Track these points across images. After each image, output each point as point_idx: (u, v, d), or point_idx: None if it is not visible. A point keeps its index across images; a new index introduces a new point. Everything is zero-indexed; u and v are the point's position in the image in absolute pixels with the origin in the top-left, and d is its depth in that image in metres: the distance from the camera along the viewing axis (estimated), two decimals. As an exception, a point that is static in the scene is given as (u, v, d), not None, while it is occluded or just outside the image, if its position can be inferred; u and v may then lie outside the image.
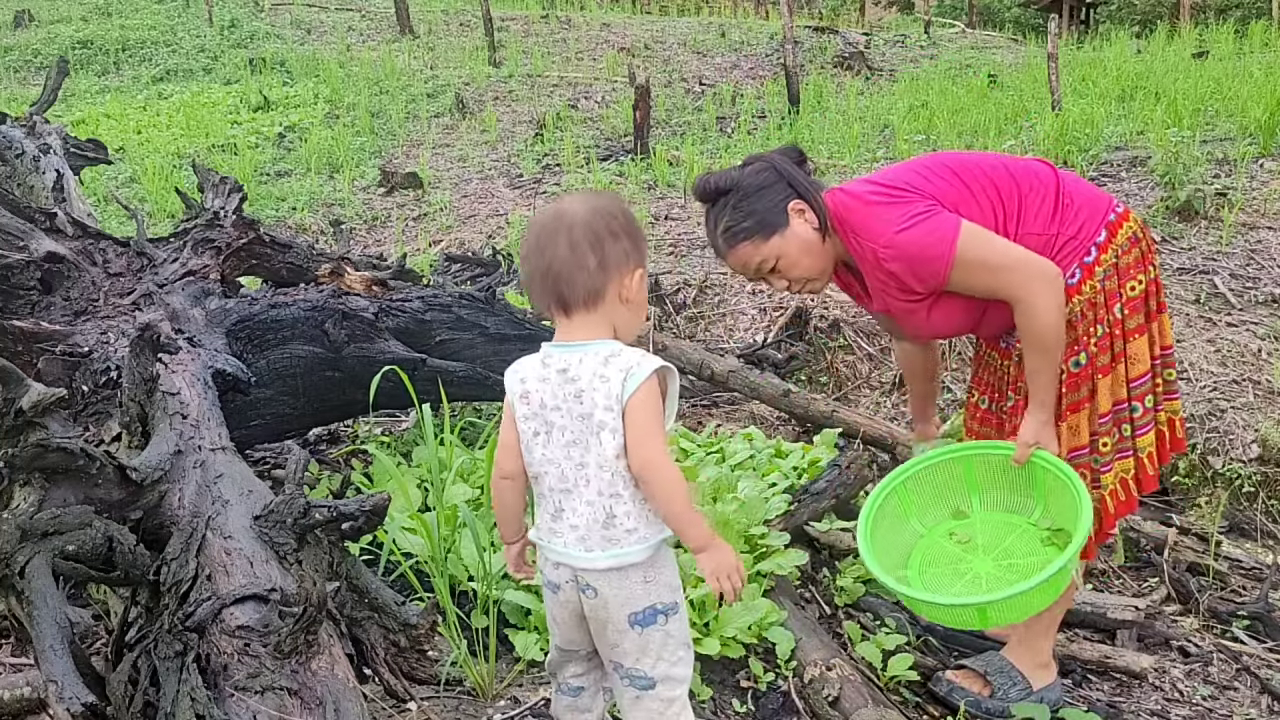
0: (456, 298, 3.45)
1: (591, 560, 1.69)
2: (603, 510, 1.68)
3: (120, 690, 1.64)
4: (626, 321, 1.74)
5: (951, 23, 17.13)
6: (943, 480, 2.36)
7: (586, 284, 1.67)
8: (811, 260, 2.27)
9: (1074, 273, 2.21)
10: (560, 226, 1.67)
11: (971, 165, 2.27)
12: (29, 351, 2.48)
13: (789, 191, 2.25)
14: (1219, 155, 6.05)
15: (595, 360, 1.67)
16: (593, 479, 1.68)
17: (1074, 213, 2.23)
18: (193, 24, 13.28)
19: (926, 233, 2.14)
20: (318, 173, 7.98)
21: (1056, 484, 2.20)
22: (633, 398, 1.64)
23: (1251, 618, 2.97)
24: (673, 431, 1.80)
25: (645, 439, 1.64)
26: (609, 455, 1.66)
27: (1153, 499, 3.87)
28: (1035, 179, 2.26)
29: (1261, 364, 4.13)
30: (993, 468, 2.32)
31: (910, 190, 2.20)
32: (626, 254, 1.69)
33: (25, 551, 1.73)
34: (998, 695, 2.44)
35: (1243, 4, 18.98)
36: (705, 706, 2.31)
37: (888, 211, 2.19)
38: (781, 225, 2.24)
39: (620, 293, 1.69)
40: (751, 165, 2.30)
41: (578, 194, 1.77)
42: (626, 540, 1.69)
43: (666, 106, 9.44)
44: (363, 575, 1.96)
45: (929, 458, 2.35)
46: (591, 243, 1.66)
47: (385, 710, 2.09)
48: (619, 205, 1.74)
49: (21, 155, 3.87)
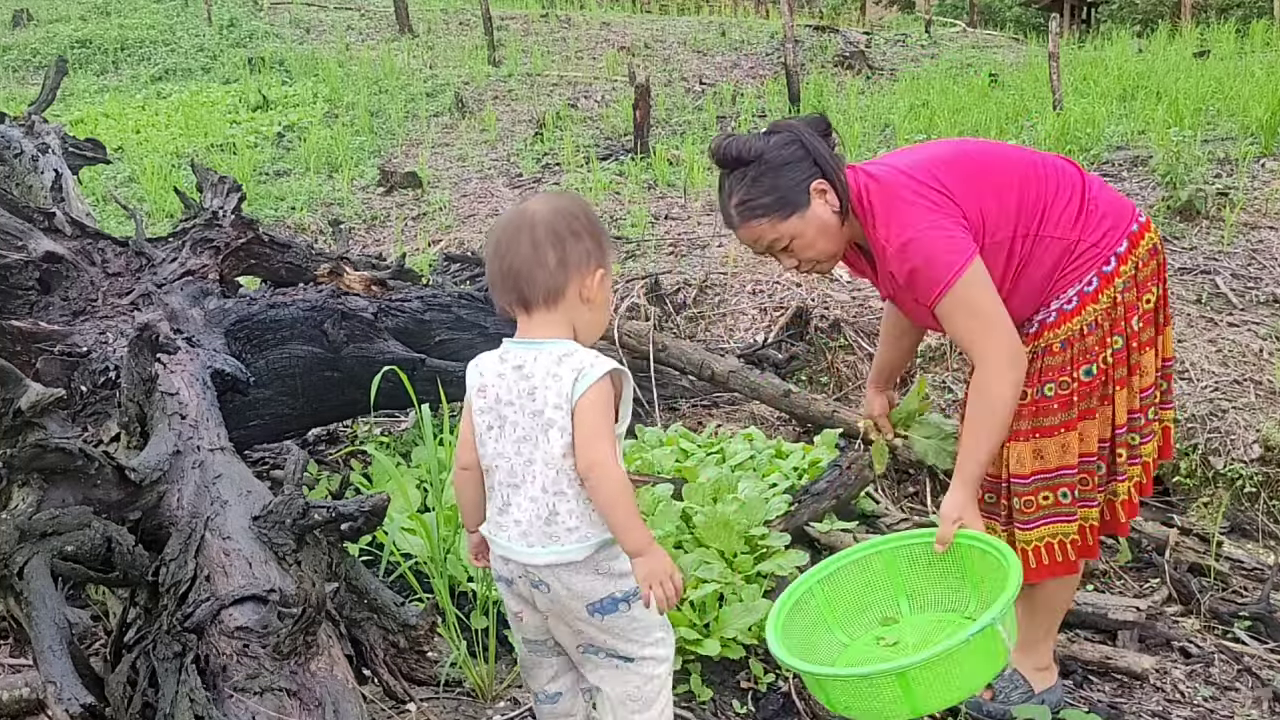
0: (456, 298, 3.44)
1: (532, 555, 1.71)
2: (546, 507, 1.70)
3: (119, 691, 1.64)
4: (588, 322, 1.75)
5: (952, 22, 17.13)
6: (865, 581, 2.15)
7: (546, 282, 1.69)
8: (826, 243, 2.18)
9: (1091, 280, 2.16)
10: (523, 225, 1.70)
11: (1003, 161, 2.20)
12: (27, 351, 2.47)
13: (814, 170, 2.13)
14: (1220, 155, 6.05)
15: (549, 359, 1.69)
16: (539, 475, 1.70)
17: (1098, 219, 2.17)
18: (191, 23, 13.27)
19: (940, 252, 2.07)
20: (316, 172, 7.97)
21: (986, 564, 2.03)
22: (583, 398, 1.66)
23: (1253, 618, 2.96)
24: (623, 437, 1.79)
25: (592, 440, 1.66)
26: (555, 453, 1.68)
27: (1154, 499, 3.87)
28: (1063, 179, 2.19)
29: (1263, 364, 4.12)
30: (917, 560, 2.14)
31: (941, 193, 2.12)
32: (588, 253, 1.71)
33: (24, 552, 1.72)
34: (999, 699, 2.43)
35: (1244, 3, 18.98)
36: (705, 707, 2.31)
37: (911, 212, 2.11)
38: (802, 205, 2.13)
39: (581, 292, 1.71)
40: (777, 135, 2.16)
41: (541, 195, 1.81)
42: (567, 538, 1.70)
43: (666, 106, 9.43)
44: (362, 576, 1.95)
45: (846, 555, 2.16)
46: (553, 241, 1.69)
47: (385, 711, 2.09)
48: (581, 206, 1.77)
49: (20, 155, 3.87)
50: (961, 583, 2.09)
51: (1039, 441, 2.22)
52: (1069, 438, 2.21)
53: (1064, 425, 2.21)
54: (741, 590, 2.55)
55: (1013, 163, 2.19)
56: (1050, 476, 2.23)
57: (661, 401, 4.10)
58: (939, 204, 2.11)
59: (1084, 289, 2.15)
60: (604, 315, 1.79)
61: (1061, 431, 2.21)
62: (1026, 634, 2.42)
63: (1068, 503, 2.24)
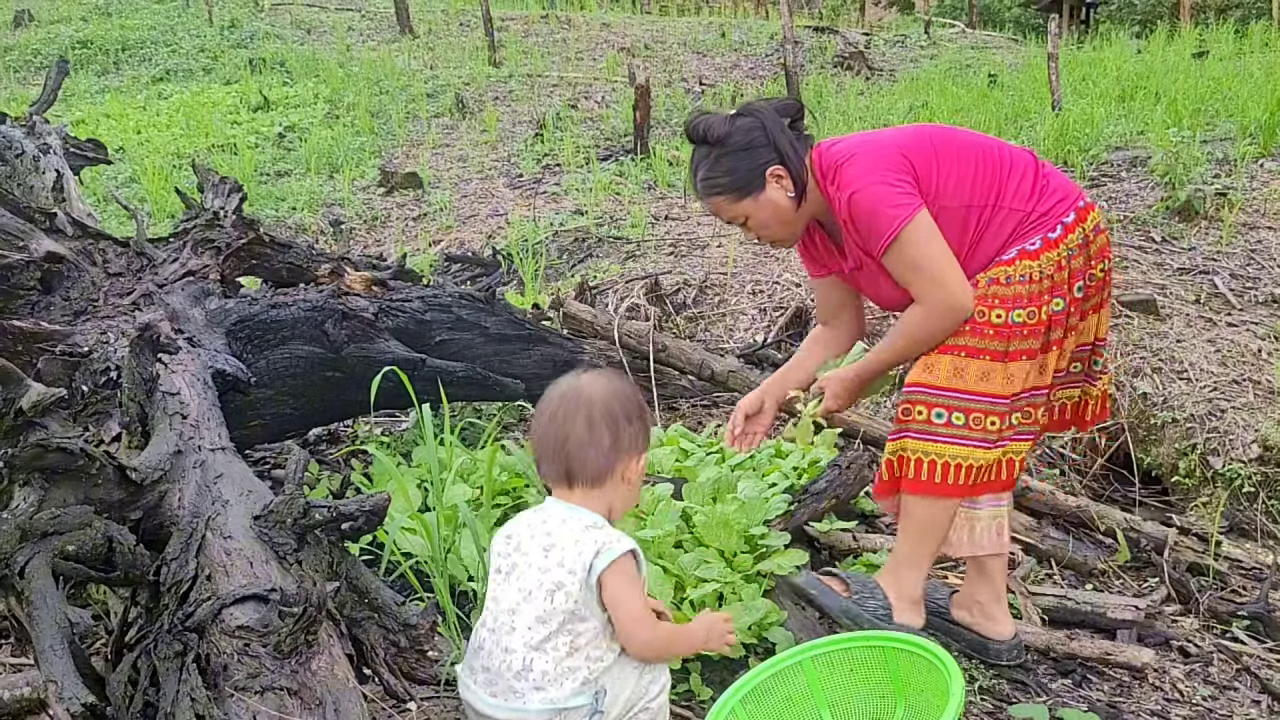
0: (456, 298, 3.45)
1: (492, 708, 1.70)
2: (521, 661, 1.69)
3: (120, 690, 1.64)
4: (623, 501, 1.82)
5: (951, 23, 17.12)
6: (786, 696, 2.07)
7: (597, 462, 1.75)
8: (780, 225, 2.37)
9: (1035, 241, 2.28)
10: (580, 402, 1.75)
11: (962, 141, 2.36)
12: (29, 351, 2.47)
13: (773, 156, 2.31)
14: (1219, 155, 6.05)
15: (578, 525, 1.74)
16: (519, 628, 1.70)
17: (1050, 193, 2.33)
18: (193, 24, 13.28)
19: (885, 198, 2.22)
20: (317, 173, 7.98)
21: (914, 666, 1.96)
22: (611, 574, 1.69)
23: (1252, 618, 2.97)
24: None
25: (636, 621, 1.71)
26: (549, 614, 1.69)
27: (1153, 499, 3.87)
28: (1017, 160, 2.35)
29: (1262, 364, 4.13)
30: (836, 668, 2.07)
31: (901, 157, 2.27)
32: (636, 438, 1.78)
33: (25, 551, 1.73)
34: (854, 599, 2.42)
35: (1243, 4, 18.97)
36: (705, 706, 2.31)
37: (863, 166, 2.26)
38: (756, 189, 2.31)
39: (624, 474, 1.77)
40: (743, 119, 2.33)
41: (597, 373, 1.86)
42: (531, 697, 1.68)
43: (666, 106, 9.44)
44: (363, 575, 1.96)
45: (765, 668, 2.08)
46: (609, 424, 1.75)
47: (385, 710, 2.09)
48: (633, 391, 1.84)
49: (21, 155, 3.87)
50: (887, 688, 2.03)
51: (960, 360, 2.28)
52: (995, 368, 2.26)
53: (982, 353, 2.26)
54: (741, 590, 2.56)
55: (971, 144, 2.36)
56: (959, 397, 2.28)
57: (661, 401, 4.10)
58: (892, 165, 2.26)
59: (1025, 246, 2.28)
60: (635, 496, 1.86)
61: (985, 358, 2.26)
62: (894, 556, 2.48)
63: (961, 426, 2.28)
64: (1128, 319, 4.34)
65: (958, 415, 2.28)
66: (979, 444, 2.29)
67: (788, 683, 2.08)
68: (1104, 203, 5.60)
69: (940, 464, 2.30)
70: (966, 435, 2.29)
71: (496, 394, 3.45)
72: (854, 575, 2.52)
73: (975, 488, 2.34)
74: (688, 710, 2.30)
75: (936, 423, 2.29)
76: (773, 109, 2.35)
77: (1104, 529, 3.29)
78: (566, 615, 1.69)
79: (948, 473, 2.30)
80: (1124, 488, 3.92)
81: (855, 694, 2.06)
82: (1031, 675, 2.59)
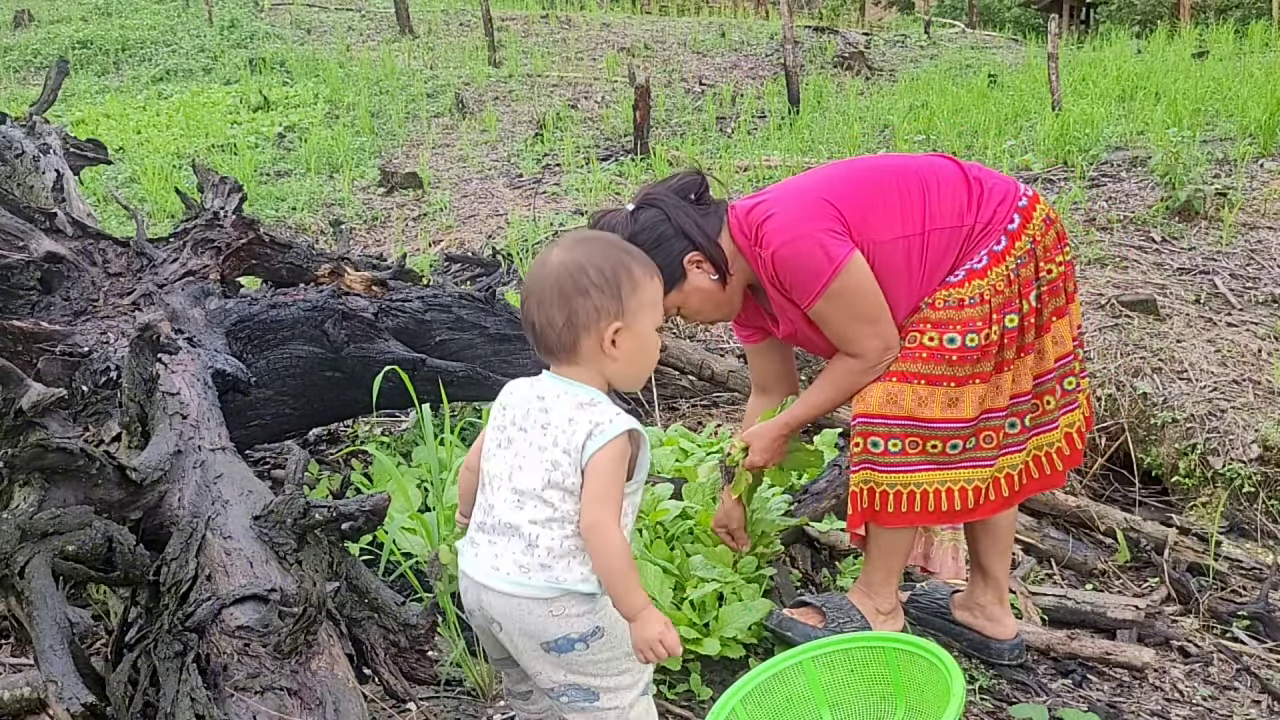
0: (456, 298, 3.45)
1: (495, 580, 1.68)
2: (527, 538, 1.67)
3: (120, 690, 1.64)
4: (619, 371, 1.72)
5: (951, 23, 17.13)
6: (786, 696, 2.07)
7: (557, 340, 1.69)
8: (714, 308, 2.32)
9: (981, 258, 2.23)
10: (539, 279, 1.70)
11: (880, 171, 2.28)
12: (29, 351, 2.48)
13: (685, 244, 2.22)
14: (1219, 155, 6.05)
15: (572, 402, 1.69)
16: (526, 505, 1.68)
17: (987, 199, 2.25)
18: (193, 24, 13.28)
19: (818, 246, 2.15)
20: (317, 173, 7.98)
21: (914, 667, 1.97)
22: (598, 455, 1.63)
23: (1252, 618, 2.97)
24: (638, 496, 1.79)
25: (599, 500, 1.63)
26: (549, 489, 1.66)
27: (1153, 499, 3.87)
28: (942, 175, 2.27)
29: (1262, 364, 4.13)
30: (837, 668, 2.08)
31: (824, 202, 2.20)
32: (597, 310, 1.66)
33: (25, 551, 1.72)
34: (831, 628, 2.37)
35: (1243, 4, 18.99)
36: (705, 706, 2.31)
37: (786, 219, 2.19)
38: (678, 280, 2.22)
39: (601, 345, 1.68)
40: (645, 213, 2.23)
41: (564, 240, 1.76)
42: (537, 574, 1.66)
43: (666, 106, 9.43)
44: (363, 575, 1.96)
45: (766, 668, 2.08)
46: (560, 302, 1.67)
47: (385, 710, 2.09)
48: (595, 258, 1.68)
49: (21, 155, 3.87)
50: (887, 688, 2.03)
51: (921, 389, 2.23)
52: (963, 393, 2.22)
53: (959, 381, 2.22)
54: (741, 590, 2.56)
55: (887, 169, 2.28)
56: (919, 426, 2.24)
57: (661, 401, 4.10)
58: (816, 213, 2.19)
59: (973, 265, 2.22)
60: (637, 366, 1.74)
61: (949, 385, 2.22)
62: (866, 575, 2.45)
63: (937, 453, 2.25)
64: (1128, 319, 4.34)
65: (913, 443, 2.25)
66: (942, 467, 2.27)
67: (788, 683, 2.07)
68: (1104, 203, 5.60)
69: (907, 494, 2.28)
70: (933, 461, 2.26)
71: (496, 394, 3.44)
72: (829, 599, 2.48)
73: (952, 515, 2.31)
74: (688, 710, 2.30)
75: (893, 452, 2.26)
76: (672, 192, 2.26)
77: (1104, 529, 3.30)
78: (564, 493, 1.66)
79: (925, 500, 2.28)
80: (1124, 488, 3.92)
81: (856, 694, 2.06)
82: (1032, 675, 2.59)
